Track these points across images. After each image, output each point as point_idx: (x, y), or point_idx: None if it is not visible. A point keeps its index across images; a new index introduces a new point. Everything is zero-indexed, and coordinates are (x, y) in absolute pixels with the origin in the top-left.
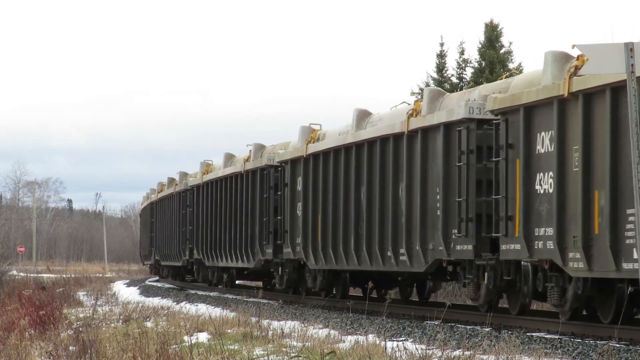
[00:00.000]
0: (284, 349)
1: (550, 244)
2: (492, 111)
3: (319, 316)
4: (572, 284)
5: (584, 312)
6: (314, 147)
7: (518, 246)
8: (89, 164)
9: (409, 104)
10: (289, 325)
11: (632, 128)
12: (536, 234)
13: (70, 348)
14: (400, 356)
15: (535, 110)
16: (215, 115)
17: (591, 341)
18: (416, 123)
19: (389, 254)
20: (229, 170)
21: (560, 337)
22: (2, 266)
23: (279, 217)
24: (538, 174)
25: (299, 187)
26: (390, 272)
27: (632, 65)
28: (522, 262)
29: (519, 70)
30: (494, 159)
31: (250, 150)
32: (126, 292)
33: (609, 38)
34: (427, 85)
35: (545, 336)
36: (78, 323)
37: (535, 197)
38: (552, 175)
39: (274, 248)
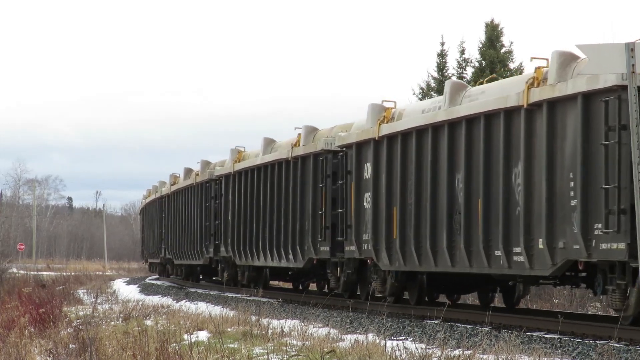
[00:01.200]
0: (283, 348)
1: None
2: None
3: (319, 315)
4: None
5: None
6: (389, 128)
7: None
8: (88, 162)
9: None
10: (288, 324)
11: (632, 128)
12: None
13: (70, 346)
14: (400, 355)
15: None
16: (213, 114)
17: (591, 341)
18: (541, 94)
19: (498, 253)
20: (271, 157)
21: (560, 336)
22: (2, 264)
23: (339, 210)
24: None
25: (367, 175)
26: (496, 274)
27: (633, 65)
28: None
29: (519, 70)
30: None
31: (300, 134)
32: (126, 290)
33: (609, 38)
34: (428, 84)
35: (545, 336)
36: (78, 321)
37: None
38: None
39: (331, 246)
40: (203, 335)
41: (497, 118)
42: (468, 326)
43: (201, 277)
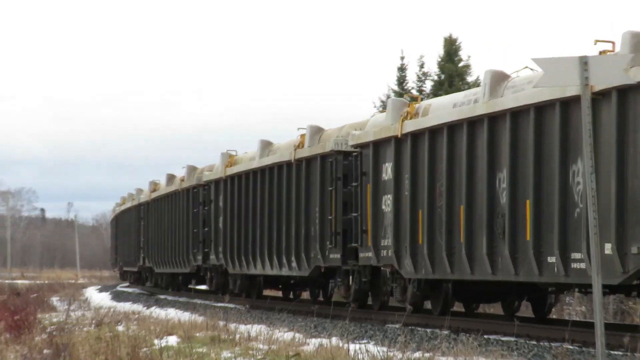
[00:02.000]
0: (250, 352)
1: None
2: None
3: (284, 320)
4: None
5: None
6: (415, 124)
7: None
8: (58, 175)
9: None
10: (255, 328)
11: (585, 139)
12: None
13: (45, 351)
14: (363, 358)
15: None
16: (177, 126)
17: (545, 343)
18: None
19: (551, 260)
20: (270, 160)
21: (517, 339)
22: None
23: (353, 215)
24: None
25: (387, 176)
26: (548, 283)
27: (587, 78)
28: None
29: (476, 83)
30: None
31: (303, 135)
32: (98, 298)
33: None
34: (389, 97)
35: (502, 338)
36: (52, 327)
37: None
38: None
39: (342, 252)
40: (173, 340)
41: (551, 110)
42: (428, 330)
43: (190, 285)
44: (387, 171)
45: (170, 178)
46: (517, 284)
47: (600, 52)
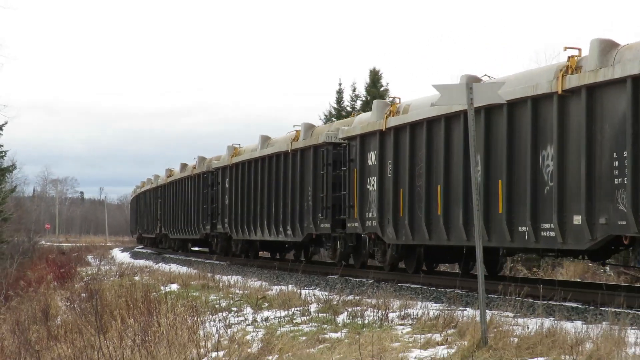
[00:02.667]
0: (230, 295)
1: None
2: None
3: (254, 272)
4: None
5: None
6: (397, 120)
7: None
8: (93, 167)
9: None
10: (233, 279)
11: (471, 144)
12: None
13: (82, 295)
14: (311, 300)
15: None
16: (182, 129)
17: (442, 289)
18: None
19: (523, 229)
20: (270, 151)
21: (422, 286)
22: (34, 238)
23: (342, 193)
24: None
25: (371, 162)
26: (518, 248)
27: (471, 99)
28: None
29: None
30: None
31: (298, 131)
32: (121, 256)
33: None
34: (330, 112)
35: (411, 286)
36: (87, 277)
37: None
38: None
39: (331, 223)
40: (174, 287)
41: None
42: (358, 279)
43: (196, 248)
44: (372, 158)
45: (183, 166)
46: (470, 249)
47: (569, 58)
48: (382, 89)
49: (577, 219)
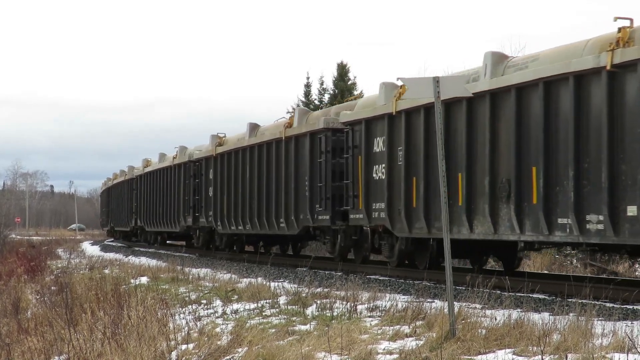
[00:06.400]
0: (199, 288)
1: None
2: None
3: (224, 265)
4: None
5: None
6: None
7: None
8: (62, 161)
9: None
10: (203, 271)
11: (438, 136)
12: None
13: (52, 288)
14: (280, 292)
15: None
16: (152, 123)
17: (410, 281)
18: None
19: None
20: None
21: (390, 278)
22: (4, 232)
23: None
24: None
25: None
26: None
27: (438, 92)
28: None
29: (360, 95)
30: None
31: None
32: (91, 249)
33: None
34: (298, 105)
35: (380, 278)
36: (57, 270)
37: None
38: None
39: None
40: (144, 280)
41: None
42: (327, 272)
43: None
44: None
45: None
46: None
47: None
48: (349, 82)
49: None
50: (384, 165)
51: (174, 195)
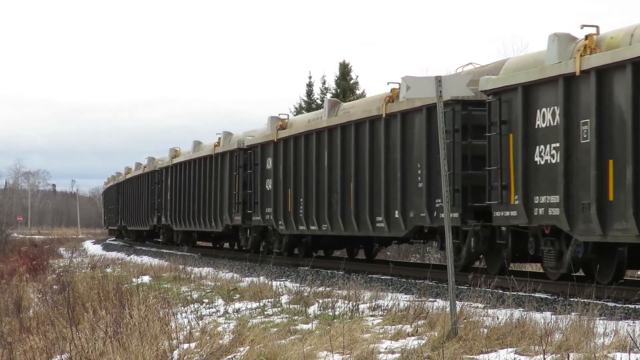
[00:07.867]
0: (201, 287)
1: None
2: None
3: (226, 264)
4: None
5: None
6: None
7: None
8: (64, 160)
9: None
10: (205, 270)
11: (440, 135)
12: None
13: (54, 287)
14: (282, 291)
15: None
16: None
17: (412, 280)
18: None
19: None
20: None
21: (392, 277)
22: (6, 230)
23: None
24: None
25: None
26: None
27: (440, 91)
28: None
29: (362, 95)
30: None
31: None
32: (93, 248)
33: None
34: (300, 105)
35: (382, 277)
36: (59, 269)
37: None
38: None
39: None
40: (146, 279)
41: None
42: (329, 271)
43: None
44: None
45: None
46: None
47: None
48: (351, 82)
49: None
50: (555, 145)
51: (215, 189)
